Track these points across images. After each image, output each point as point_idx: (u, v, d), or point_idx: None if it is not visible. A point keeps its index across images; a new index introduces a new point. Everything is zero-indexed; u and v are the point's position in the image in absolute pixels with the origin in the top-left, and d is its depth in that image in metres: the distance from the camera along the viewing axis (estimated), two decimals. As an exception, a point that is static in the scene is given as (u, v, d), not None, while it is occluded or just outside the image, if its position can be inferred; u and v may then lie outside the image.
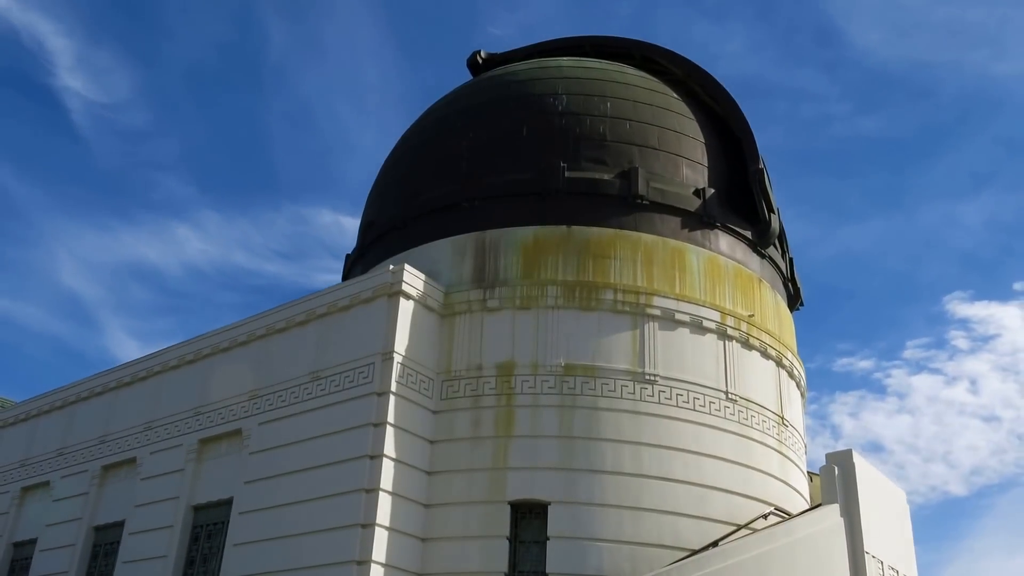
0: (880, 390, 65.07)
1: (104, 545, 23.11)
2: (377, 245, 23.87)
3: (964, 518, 62.25)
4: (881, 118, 64.10)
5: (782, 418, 21.72)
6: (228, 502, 20.66)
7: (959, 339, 64.32)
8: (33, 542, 24.71)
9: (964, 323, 64.55)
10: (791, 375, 22.87)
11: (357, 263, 24.92)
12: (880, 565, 18.67)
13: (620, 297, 20.51)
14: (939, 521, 61.04)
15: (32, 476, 25.83)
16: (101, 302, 69.65)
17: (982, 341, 62.50)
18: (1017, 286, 63.13)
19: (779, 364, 22.33)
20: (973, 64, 62.33)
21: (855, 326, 67.72)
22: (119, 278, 68.78)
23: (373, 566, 17.62)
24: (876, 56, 63.79)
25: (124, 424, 24.03)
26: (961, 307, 64.53)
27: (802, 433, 23.37)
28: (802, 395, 24.03)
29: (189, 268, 70.36)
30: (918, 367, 65.39)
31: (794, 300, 26.32)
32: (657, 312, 20.58)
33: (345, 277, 25.82)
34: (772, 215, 23.40)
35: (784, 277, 24.79)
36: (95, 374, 25.77)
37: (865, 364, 64.99)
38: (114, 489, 23.57)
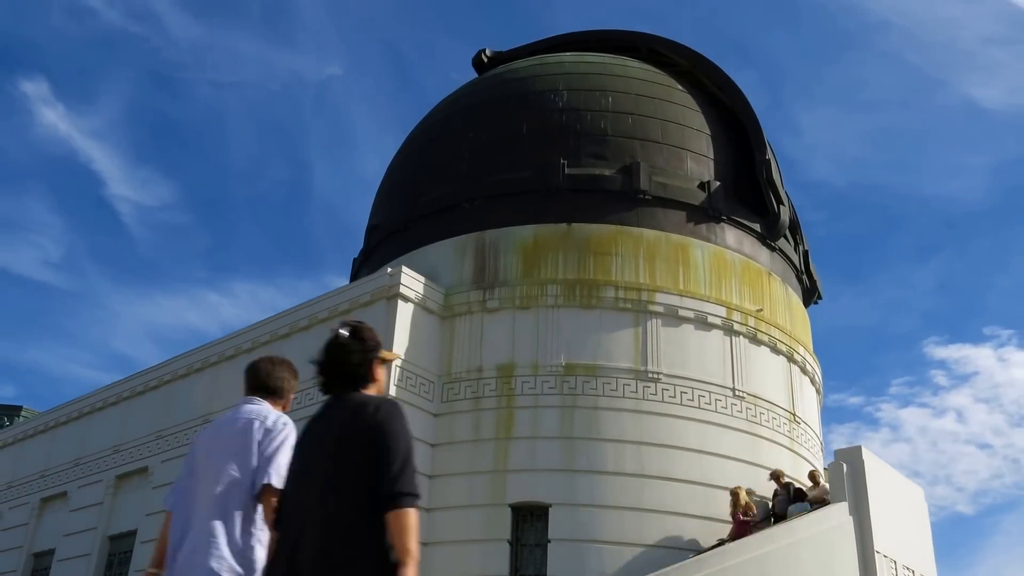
0: (873, 422, 69.33)
1: (118, 554, 23.25)
2: (381, 248, 23.77)
3: (978, 536, 66.22)
4: (845, 224, 72.04)
5: (794, 415, 21.18)
6: (234, 509, 20.63)
7: (940, 377, 69.51)
8: (52, 552, 24.95)
9: (942, 363, 70.07)
10: (804, 371, 22.30)
11: (363, 267, 24.83)
12: (893, 565, 18.08)
13: (621, 294, 20.14)
14: (955, 539, 65.33)
15: (51, 487, 26.10)
16: (150, 356, 78.67)
17: (961, 379, 67.91)
18: (987, 330, 68.19)
19: (790, 359, 21.78)
20: (926, 184, 70.87)
21: (839, 370, 73.45)
22: (166, 336, 77.10)
23: (371, 572, 17.45)
24: (833, 182, 72.13)
25: (137, 433, 24.16)
26: (937, 350, 69.61)
27: (818, 431, 22.79)
28: (817, 392, 23.43)
29: (226, 328, 78.51)
30: (905, 401, 70.22)
31: (810, 294, 25.70)
32: (660, 309, 20.18)
33: (352, 281, 25.74)
34: (781, 207, 22.85)
35: (797, 270, 24.21)
36: (109, 384, 26.00)
37: (855, 400, 69.40)
38: (128, 498, 23.71)
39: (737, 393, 20.13)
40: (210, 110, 74.09)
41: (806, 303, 25.74)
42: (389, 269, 20.19)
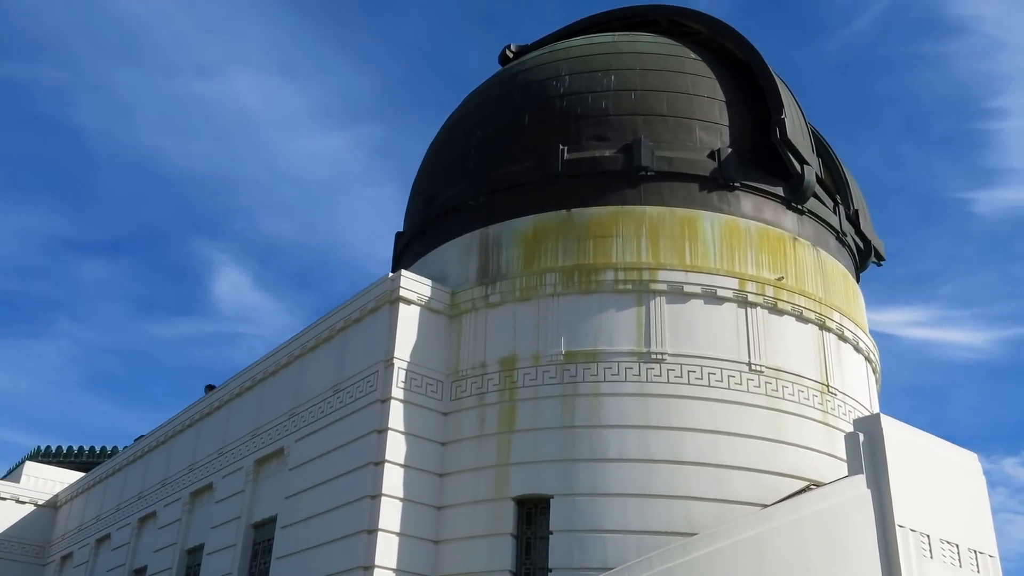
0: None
1: (193, 567, 24.63)
2: (405, 254, 24.12)
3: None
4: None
5: (827, 386, 19.82)
6: (275, 519, 21.46)
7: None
8: (145, 569, 26.73)
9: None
10: (842, 338, 20.82)
11: (394, 275, 25.21)
12: (925, 539, 16.56)
13: (621, 276, 19.54)
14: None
15: (145, 508, 27.99)
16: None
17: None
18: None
19: (822, 327, 20.41)
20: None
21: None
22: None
23: (378, 570, 17.73)
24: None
25: (205, 452, 25.56)
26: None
27: (868, 401, 21.22)
28: (867, 359, 21.81)
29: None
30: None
31: (865, 255, 24.03)
32: (663, 287, 19.42)
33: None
34: (806, 167, 21.47)
35: (838, 232, 22.62)
36: (187, 407, 27.59)
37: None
38: (199, 513, 25.09)
39: (754, 367, 19.08)
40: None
41: (861, 265, 24.13)
42: (390, 274, 20.45)
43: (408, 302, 20.15)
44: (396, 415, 19.12)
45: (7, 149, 61.99)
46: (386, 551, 18.00)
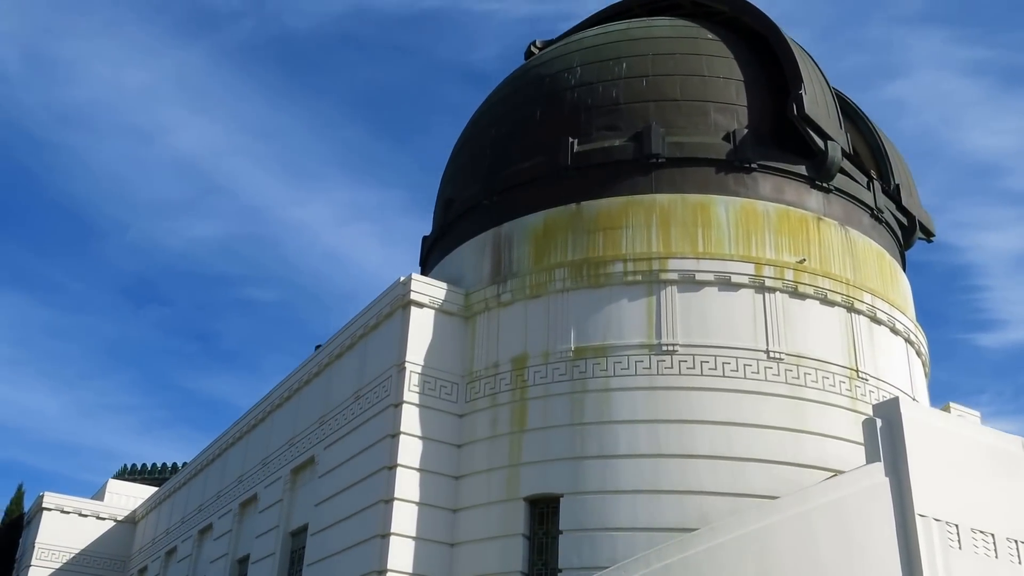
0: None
1: (242, 576, 25.13)
2: (428, 259, 24.07)
3: None
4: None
5: (856, 371, 18.77)
6: (307, 526, 21.66)
7: None
8: (204, 578, 27.44)
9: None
10: (874, 319, 19.69)
11: (422, 280, 25.16)
12: (952, 529, 15.41)
13: (630, 267, 18.98)
14: None
15: (203, 520, 28.71)
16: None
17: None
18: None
19: (850, 309, 19.36)
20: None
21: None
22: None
23: (391, 574, 17.65)
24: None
25: (251, 463, 26.05)
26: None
27: (908, 386, 20.01)
28: (907, 342, 20.57)
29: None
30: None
31: (909, 232, 22.73)
32: (674, 276, 18.77)
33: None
34: (830, 143, 20.43)
35: (872, 209, 21.44)
36: (238, 419, 28.19)
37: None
38: (247, 524, 25.57)
39: (772, 355, 18.23)
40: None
41: (906, 242, 22.87)
42: (401, 278, 20.41)
43: (420, 305, 20.05)
44: (409, 419, 19.03)
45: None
46: (400, 555, 17.91)
